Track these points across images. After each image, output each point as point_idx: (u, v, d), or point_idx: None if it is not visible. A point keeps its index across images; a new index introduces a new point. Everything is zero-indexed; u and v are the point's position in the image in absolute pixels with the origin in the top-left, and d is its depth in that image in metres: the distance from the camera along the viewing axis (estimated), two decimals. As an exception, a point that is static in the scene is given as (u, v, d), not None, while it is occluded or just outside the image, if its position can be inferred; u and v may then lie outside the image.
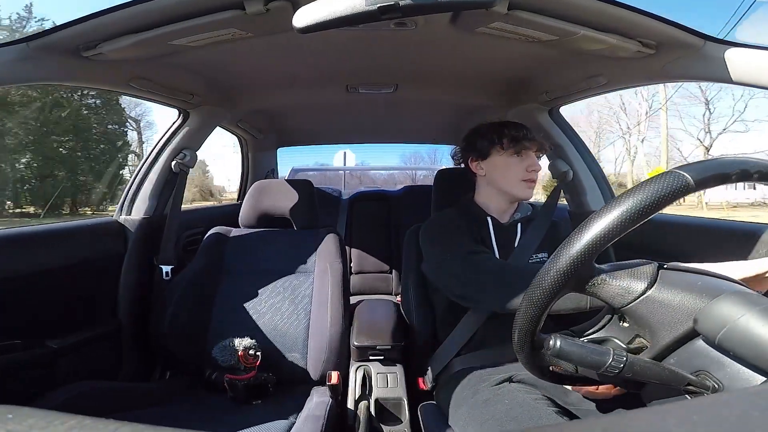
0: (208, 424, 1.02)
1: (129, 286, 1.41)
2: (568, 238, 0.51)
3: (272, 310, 1.35)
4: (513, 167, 1.14)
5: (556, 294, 0.53)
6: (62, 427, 0.21)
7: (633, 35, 0.94)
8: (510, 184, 1.15)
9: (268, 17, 0.90)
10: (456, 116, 2.16)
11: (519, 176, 1.13)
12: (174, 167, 1.52)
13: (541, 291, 0.53)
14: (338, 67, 1.37)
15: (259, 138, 2.42)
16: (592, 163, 1.58)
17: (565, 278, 0.51)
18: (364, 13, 0.79)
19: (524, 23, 0.91)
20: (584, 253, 0.50)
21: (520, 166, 1.13)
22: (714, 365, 0.49)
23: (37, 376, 1.06)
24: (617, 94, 14.84)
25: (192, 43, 1.01)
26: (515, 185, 1.14)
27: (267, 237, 1.50)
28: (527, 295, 0.55)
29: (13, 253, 1.06)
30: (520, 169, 1.13)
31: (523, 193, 1.15)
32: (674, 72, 1.02)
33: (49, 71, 0.97)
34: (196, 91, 1.41)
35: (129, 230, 1.45)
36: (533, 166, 1.13)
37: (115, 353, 1.35)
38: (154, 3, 0.84)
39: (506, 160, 1.15)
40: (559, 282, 0.51)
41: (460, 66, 1.35)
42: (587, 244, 0.49)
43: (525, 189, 1.14)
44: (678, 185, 0.46)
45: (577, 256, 0.50)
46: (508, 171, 1.15)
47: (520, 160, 1.14)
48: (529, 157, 1.14)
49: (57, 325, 1.16)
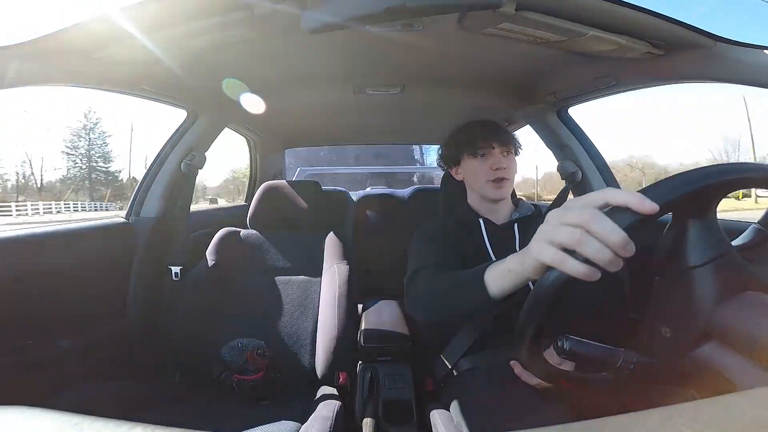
0: (217, 424, 1.03)
1: (139, 287, 1.42)
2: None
3: (280, 311, 1.36)
4: (478, 169, 1.15)
5: (557, 291, 0.52)
6: (74, 429, 0.21)
7: (642, 36, 0.93)
8: (479, 187, 1.16)
9: (275, 18, 0.90)
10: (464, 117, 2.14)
11: (485, 177, 1.14)
12: (183, 168, 1.53)
13: (544, 290, 0.53)
14: (345, 68, 1.38)
15: (266, 139, 2.43)
16: (601, 164, 1.57)
17: (567, 276, 0.51)
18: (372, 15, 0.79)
19: (532, 24, 0.90)
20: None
21: (484, 167, 1.14)
22: (728, 366, 0.49)
23: (48, 376, 1.07)
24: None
25: (200, 45, 1.01)
26: (483, 186, 1.15)
27: (275, 238, 1.51)
28: (533, 293, 0.55)
29: (26, 254, 1.08)
30: (485, 170, 1.14)
31: (492, 194, 1.15)
32: (685, 73, 1.01)
33: (59, 73, 0.98)
34: (204, 92, 1.42)
35: (139, 231, 1.46)
36: (496, 164, 1.13)
37: (124, 353, 1.36)
38: (163, 4, 0.85)
39: (472, 163, 1.17)
40: (561, 279, 0.51)
41: (468, 67, 1.34)
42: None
43: (493, 189, 1.14)
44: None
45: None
46: (475, 174, 1.16)
47: (483, 161, 1.15)
48: (492, 156, 1.15)
49: (68, 325, 1.17)
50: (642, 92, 6.12)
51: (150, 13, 0.87)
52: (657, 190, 0.48)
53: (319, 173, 4.65)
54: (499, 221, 1.19)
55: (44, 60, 0.92)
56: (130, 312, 1.40)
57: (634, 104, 68.30)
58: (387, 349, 1.32)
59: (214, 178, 23.92)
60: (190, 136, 1.55)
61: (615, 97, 1.34)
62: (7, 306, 1.02)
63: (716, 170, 0.50)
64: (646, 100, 67.78)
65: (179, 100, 1.41)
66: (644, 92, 17.69)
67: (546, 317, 0.55)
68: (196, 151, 1.54)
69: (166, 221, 1.52)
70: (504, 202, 1.20)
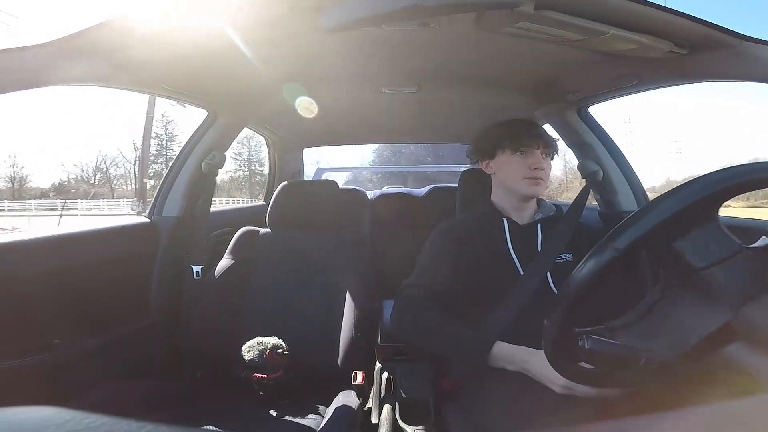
0: (236, 423, 1.04)
1: (161, 286, 1.45)
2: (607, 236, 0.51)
3: (299, 310, 1.37)
4: (515, 165, 1.15)
5: (586, 291, 0.52)
6: (101, 429, 0.22)
7: (665, 35, 0.91)
8: (514, 182, 1.15)
9: (293, 18, 0.91)
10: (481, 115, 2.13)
11: (522, 174, 1.13)
12: (203, 168, 1.55)
13: (572, 288, 0.53)
14: (361, 67, 1.38)
15: (284, 139, 2.46)
16: (623, 163, 1.53)
17: (597, 276, 0.50)
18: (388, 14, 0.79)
19: (551, 23, 0.89)
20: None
21: (523, 164, 1.13)
22: (756, 366, 0.48)
23: (74, 375, 1.10)
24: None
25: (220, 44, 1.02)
26: (519, 183, 1.14)
27: (293, 237, 1.52)
28: (560, 293, 0.55)
29: (55, 254, 1.11)
30: (522, 167, 1.13)
31: (528, 191, 1.14)
32: (709, 71, 0.99)
33: (82, 73, 0.99)
34: (224, 92, 1.43)
35: (161, 230, 1.48)
36: (536, 164, 1.13)
37: (147, 352, 1.39)
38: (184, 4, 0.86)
39: (509, 159, 1.16)
40: (592, 278, 0.51)
41: (485, 66, 1.33)
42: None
43: (529, 186, 1.14)
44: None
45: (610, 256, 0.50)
46: (511, 169, 1.15)
47: (523, 158, 1.14)
48: (533, 155, 1.14)
49: (94, 324, 1.20)
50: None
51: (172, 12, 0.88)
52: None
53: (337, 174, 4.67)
54: (522, 221, 1.18)
55: (68, 60, 0.92)
56: (152, 311, 1.42)
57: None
58: (404, 349, 1.33)
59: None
60: (210, 136, 1.57)
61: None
62: (36, 305, 1.05)
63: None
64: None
65: (199, 99, 1.43)
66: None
67: (572, 316, 0.55)
68: (215, 151, 1.56)
69: (187, 220, 1.55)
70: (530, 202, 1.20)
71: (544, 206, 1.22)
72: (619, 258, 0.52)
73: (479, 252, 1.13)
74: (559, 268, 1.09)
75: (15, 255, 1.02)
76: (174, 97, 1.36)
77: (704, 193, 0.50)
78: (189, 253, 1.51)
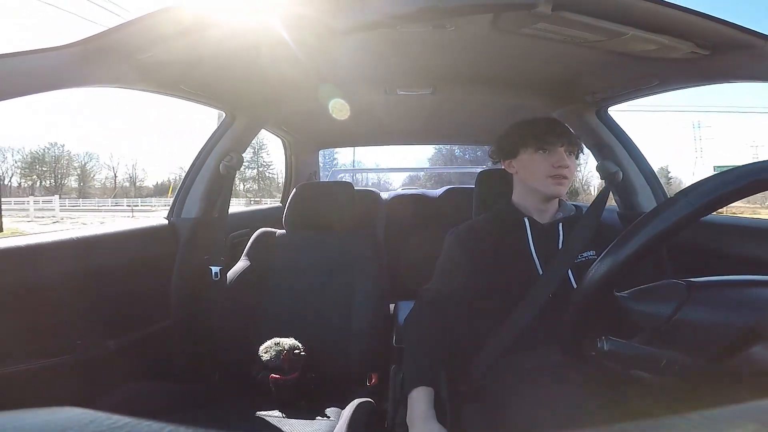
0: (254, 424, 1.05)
1: (180, 287, 1.46)
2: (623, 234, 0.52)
3: (315, 311, 1.38)
4: (539, 164, 1.13)
5: (605, 288, 0.51)
6: (123, 430, 0.22)
7: (686, 36, 0.89)
8: (537, 181, 1.14)
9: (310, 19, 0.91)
10: (499, 117, 2.12)
11: (545, 173, 1.12)
12: (221, 169, 1.57)
13: (590, 284, 0.52)
14: (376, 68, 1.38)
15: (300, 140, 2.47)
16: (642, 164, 1.51)
17: (615, 274, 0.50)
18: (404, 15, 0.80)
19: (569, 24, 0.88)
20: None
21: (546, 163, 1.12)
22: None
23: (95, 376, 1.12)
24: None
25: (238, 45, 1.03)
26: (542, 182, 1.13)
27: (310, 238, 1.53)
28: (578, 290, 0.54)
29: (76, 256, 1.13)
30: (546, 166, 1.12)
31: (551, 190, 1.13)
32: (732, 73, 0.97)
33: (104, 74, 1.00)
34: (242, 94, 1.45)
35: (180, 231, 1.50)
36: (559, 162, 1.11)
37: (166, 353, 1.41)
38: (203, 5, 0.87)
39: (532, 158, 1.15)
40: (610, 276, 0.50)
41: (501, 67, 1.32)
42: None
43: (553, 186, 1.12)
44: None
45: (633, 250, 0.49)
46: (535, 168, 1.14)
47: (546, 157, 1.13)
48: (556, 153, 1.12)
49: (115, 325, 1.22)
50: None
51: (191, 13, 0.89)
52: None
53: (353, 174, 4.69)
54: (543, 221, 1.17)
55: (90, 61, 0.93)
56: (171, 312, 1.44)
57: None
58: None
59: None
60: (228, 138, 1.58)
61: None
62: (58, 306, 1.07)
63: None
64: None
65: (218, 101, 1.45)
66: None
67: (591, 315, 0.54)
68: (233, 153, 1.57)
69: (206, 222, 1.57)
70: (552, 202, 1.19)
71: (564, 206, 1.21)
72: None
73: (499, 251, 1.12)
74: (583, 267, 1.07)
75: (38, 257, 1.04)
76: (193, 98, 1.37)
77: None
78: (207, 255, 1.53)
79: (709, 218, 1.22)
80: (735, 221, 1.24)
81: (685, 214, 0.49)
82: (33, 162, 48.74)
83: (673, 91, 1.22)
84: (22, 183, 48.57)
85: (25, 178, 48.64)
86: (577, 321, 0.57)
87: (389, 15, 0.80)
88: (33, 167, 48.63)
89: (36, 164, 48.78)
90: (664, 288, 0.56)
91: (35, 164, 48.72)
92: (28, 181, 48.35)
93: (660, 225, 0.51)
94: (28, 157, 49.14)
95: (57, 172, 49.09)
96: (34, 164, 48.74)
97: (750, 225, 1.18)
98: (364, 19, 0.81)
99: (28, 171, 48.58)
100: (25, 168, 48.81)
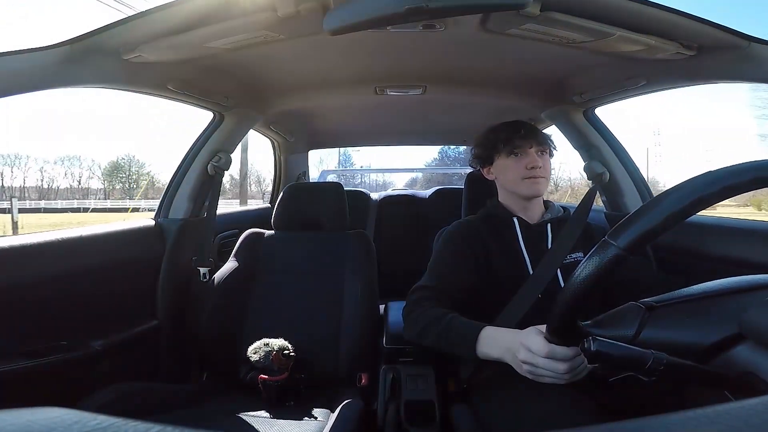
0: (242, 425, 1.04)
1: (167, 288, 1.44)
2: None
3: (304, 312, 1.37)
4: (512, 168, 1.16)
5: (589, 289, 0.51)
6: (109, 430, 0.22)
7: (672, 36, 0.91)
8: (514, 185, 1.17)
9: (298, 19, 0.91)
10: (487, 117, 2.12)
11: (520, 175, 1.15)
12: (209, 170, 1.55)
13: (575, 285, 0.52)
14: (366, 68, 1.38)
15: (290, 140, 2.46)
16: (629, 165, 1.52)
17: (603, 273, 0.50)
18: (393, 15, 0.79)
19: (557, 24, 0.88)
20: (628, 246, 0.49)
21: (519, 165, 1.15)
22: (763, 367, 0.47)
23: (80, 376, 1.10)
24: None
25: (226, 46, 1.03)
26: (519, 184, 1.16)
27: (299, 239, 1.52)
28: (564, 289, 0.54)
29: (60, 256, 1.11)
30: (519, 169, 1.15)
31: (529, 190, 1.15)
32: (717, 73, 0.98)
33: (90, 74, 1.00)
34: (230, 94, 1.44)
35: (167, 232, 1.48)
36: (531, 164, 1.14)
37: (153, 354, 1.39)
38: (190, 5, 0.86)
39: (505, 162, 1.18)
40: (597, 275, 0.50)
41: (491, 67, 1.33)
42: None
43: (530, 185, 1.15)
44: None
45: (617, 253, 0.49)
46: (509, 172, 1.17)
47: (519, 160, 1.15)
48: (527, 155, 1.15)
49: (101, 326, 1.20)
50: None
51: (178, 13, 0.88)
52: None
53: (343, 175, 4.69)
54: (532, 221, 1.18)
55: (77, 61, 0.93)
56: (159, 313, 1.42)
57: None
58: (409, 351, 1.32)
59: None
60: (216, 138, 1.57)
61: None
62: (42, 307, 1.06)
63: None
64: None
65: (205, 101, 1.43)
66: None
67: (577, 312, 0.54)
68: (222, 153, 1.56)
69: (194, 222, 1.55)
70: (536, 202, 1.20)
71: (552, 208, 1.23)
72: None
73: (490, 251, 1.13)
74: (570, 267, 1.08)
75: (22, 258, 1.02)
76: (181, 99, 1.35)
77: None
78: (195, 256, 1.51)
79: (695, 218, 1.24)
80: (722, 222, 1.26)
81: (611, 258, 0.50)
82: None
83: (660, 91, 1.23)
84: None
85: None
86: (564, 320, 0.57)
87: (378, 15, 0.79)
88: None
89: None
90: (624, 312, 0.58)
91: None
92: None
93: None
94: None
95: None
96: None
97: (736, 226, 1.20)
98: (352, 19, 0.81)
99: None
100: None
